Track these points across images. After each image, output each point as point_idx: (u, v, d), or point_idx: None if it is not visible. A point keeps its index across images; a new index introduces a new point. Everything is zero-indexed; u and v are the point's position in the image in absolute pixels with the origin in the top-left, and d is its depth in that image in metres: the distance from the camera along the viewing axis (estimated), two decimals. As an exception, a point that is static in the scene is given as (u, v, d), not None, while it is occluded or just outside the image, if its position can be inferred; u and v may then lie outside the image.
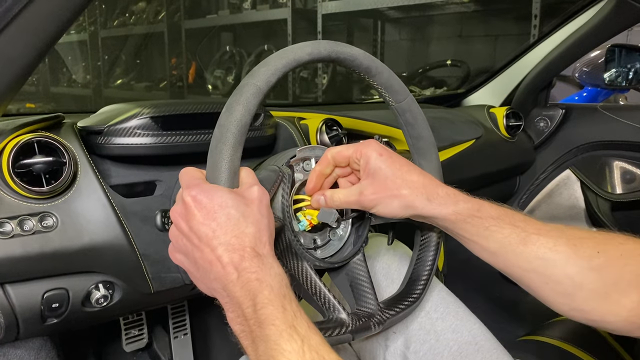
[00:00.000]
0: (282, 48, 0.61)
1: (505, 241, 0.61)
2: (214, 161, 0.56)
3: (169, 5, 4.57)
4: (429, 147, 0.75)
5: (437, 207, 0.63)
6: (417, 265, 0.75)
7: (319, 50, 0.62)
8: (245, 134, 0.57)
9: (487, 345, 0.76)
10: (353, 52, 0.65)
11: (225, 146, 0.56)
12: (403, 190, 0.63)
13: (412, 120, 0.72)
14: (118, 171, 0.81)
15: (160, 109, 0.80)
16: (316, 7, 3.29)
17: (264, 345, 0.48)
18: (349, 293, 0.71)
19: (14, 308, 0.73)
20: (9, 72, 0.58)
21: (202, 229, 0.53)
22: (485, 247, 0.63)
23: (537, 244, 0.60)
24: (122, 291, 0.81)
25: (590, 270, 0.58)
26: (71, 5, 0.55)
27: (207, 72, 4.43)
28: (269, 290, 0.51)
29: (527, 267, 0.60)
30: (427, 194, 0.64)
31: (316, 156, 0.70)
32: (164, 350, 1.37)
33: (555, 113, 1.66)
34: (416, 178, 0.64)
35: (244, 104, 0.57)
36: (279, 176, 0.64)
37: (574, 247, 0.59)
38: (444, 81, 3.03)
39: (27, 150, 0.70)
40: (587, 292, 0.58)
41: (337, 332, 0.62)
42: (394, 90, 0.70)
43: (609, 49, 1.60)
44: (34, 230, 0.70)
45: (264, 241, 0.55)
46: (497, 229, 0.62)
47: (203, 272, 0.55)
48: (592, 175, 1.61)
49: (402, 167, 0.65)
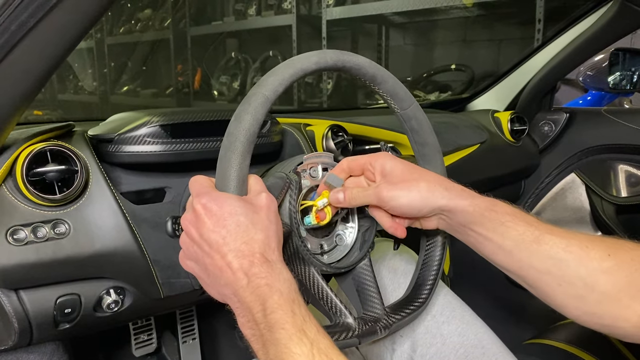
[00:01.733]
0: (287, 54, 0.63)
1: (520, 238, 0.61)
2: (223, 169, 0.58)
3: (174, 12, 4.60)
4: (434, 153, 0.75)
5: (454, 198, 0.64)
6: (423, 269, 0.76)
7: (326, 59, 0.63)
8: (253, 143, 0.58)
9: (493, 348, 0.77)
10: (359, 61, 0.66)
11: (234, 155, 0.57)
12: (421, 182, 0.65)
13: (418, 127, 0.73)
14: (128, 178, 0.83)
15: (169, 117, 0.82)
16: (321, 13, 3.30)
17: (274, 348, 0.50)
18: (356, 298, 0.71)
19: (28, 313, 0.74)
20: (24, 83, 0.60)
21: (213, 236, 0.55)
22: (501, 244, 0.63)
23: (550, 243, 0.60)
24: (132, 296, 0.82)
25: (601, 272, 0.58)
26: (84, 18, 0.56)
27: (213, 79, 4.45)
28: (278, 295, 0.52)
29: (541, 268, 0.60)
30: (445, 185, 0.65)
31: (322, 162, 0.71)
32: (173, 355, 1.38)
33: (559, 117, 1.66)
34: (432, 175, 0.67)
35: (252, 113, 0.58)
36: (286, 183, 0.65)
37: (585, 249, 0.59)
38: (449, 86, 3.03)
39: (40, 158, 0.72)
40: (599, 295, 0.58)
41: (344, 337, 0.63)
42: (399, 98, 0.71)
43: (613, 53, 1.61)
44: (47, 237, 0.72)
45: (272, 247, 0.56)
46: (513, 225, 0.62)
47: (214, 278, 0.56)
48: (597, 179, 1.61)
49: (416, 168, 0.68)
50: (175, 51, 4.66)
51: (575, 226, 1.67)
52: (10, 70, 0.57)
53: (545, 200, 1.71)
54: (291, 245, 0.64)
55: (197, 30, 4.49)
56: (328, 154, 0.72)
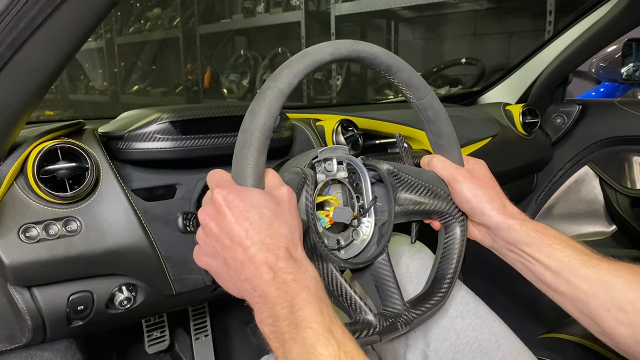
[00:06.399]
0: (296, 50, 0.61)
1: (567, 260, 0.62)
2: (239, 166, 0.56)
3: (183, 11, 4.61)
4: (451, 143, 0.74)
5: (507, 216, 0.67)
6: (442, 263, 0.74)
7: (340, 50, 0.62)
8: (269, 138, 0.57)
9: (507, 342, 0.76)
10: (373, 51, 0.65)
11: (250, 151, 0.56)
12: (490, 190, 0.70)
13: (434, 117, 0.72)
14: (139, 175, 0.83)
15: (179, 114, 0.82)
16: (329, 9, 3.29)
17: (299, 348, 0.47)
18: (375, 293, 0.70)
19: (41, 311, 0.75)
20: (33, 80, 0.60)
21: (235, 228, 0.52)
22: (547, 265, 0.63)
23: (599, 267, 0.60)
24: (144, 293, 0.83)
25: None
26: (92, 14, 0.56)
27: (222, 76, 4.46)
28: (306, 292, 0.50)
29: (588, 291, 0.60)
30: (504, 202, 0.69)
31: (337, 156, 0.69)
32: (186, 352, 1.38)
33: (572, 109, 1.65)
34: (500, 191, 0.72)
35: (267, 107, 0.57)
36: (302, 178, 0.64)
37: (635, 274, 0.59)
38: (459, 80, 3.01)
39: (50, 156, 0.72)
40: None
41: (365, 334, 0.62)
42: (414, 88, 0.69)
43: (626, 44, 1.58)
44: (59, 234, 0.72)
45: (295, 242, 0.54)
46: (560, 248, 0.63)
47: (234, 273, 0.53)
48: (611, 171, 1.59)
49: (494, 180, 0.74)
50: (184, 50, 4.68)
51: (589, 219, 1.65)
52: (20, 68, 0.57)
53: (558, 194, 1.69)
54: (308, 241, 0.63)
55: (206, 29, 4.50)
56: (343, 147, 0.70)
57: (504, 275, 1.69)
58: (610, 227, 1.64)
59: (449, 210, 0.73)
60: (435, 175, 0.73)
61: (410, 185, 0.71)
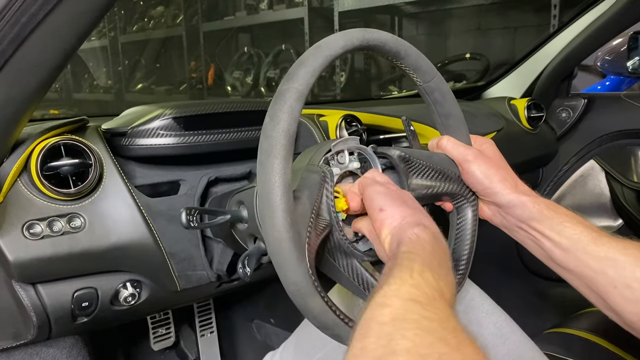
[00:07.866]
0: (300, 47, 0.60)
1: (577, 238, 0.62)
2: (266, 176, 0.53)
3: (186, 8, 4.61)
4: (459, 124, 0.74)
5: (520, 194, 0.67)
6: (457, 244, 0.73)
7: (352, 40, 0.60)
8: (293, 144, 0.54)
9: (513, 337, 0.76)
10: (382, 37, 0.63)
11: (277, 160, 0.53)
12: (502, 170, 0.70)
13: (441, 98, 0.72)
14: (142, 172, 0.83)
15: (182, 110, 0.81)
16: (332, 5, 3.29)
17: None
18: None
19: (46, 307, 0.75)
20: (35, 76, 0.59)
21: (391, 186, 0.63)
22: (557, 242, 0.64)
23: (608, 245, 0.60)
24: (149, 289, 0.83)
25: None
26: (93, 9, 0.56)
27: (226, 74, 4.46)
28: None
29: (597, 268, 0.60)
30: (516, 181, 0.69)
31: (349, 148, 0.69)
32: (191, 349, 1.38)
33: (577, 103, 1.64)
34: (511, 171, 0.71)
35: (289, 111, 0.54)
36: (322, 177, 0.62)
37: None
38: (464, 75, 3.00)
39: (54, 153, 0.72)
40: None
41: None
42: (422, 71, 0.69)
43: (632, 36, 1.57)
44: (63, 231, 0.72)
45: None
46: (571, 226, 0.63)
47: (406, 207, 0.59)
48: (617, 165, 1.58)
49: (505, 161, 0.74)
50: (188, 47, 4.68)
51: (595, 213, 1.64)
52: (22, 64, 0.56)
53: (564, 188, 1.68)
54: (332, 239, 0.63)
55: (210, 26, 4.50)
56: (354, 138, 0.70)
57: (510, 271, 1.68)
58: (617, 222, 1.63)
59: (460, 191, 0.72)
60: (446, 157, 0.72)
61: (422, 169, 0.70)
